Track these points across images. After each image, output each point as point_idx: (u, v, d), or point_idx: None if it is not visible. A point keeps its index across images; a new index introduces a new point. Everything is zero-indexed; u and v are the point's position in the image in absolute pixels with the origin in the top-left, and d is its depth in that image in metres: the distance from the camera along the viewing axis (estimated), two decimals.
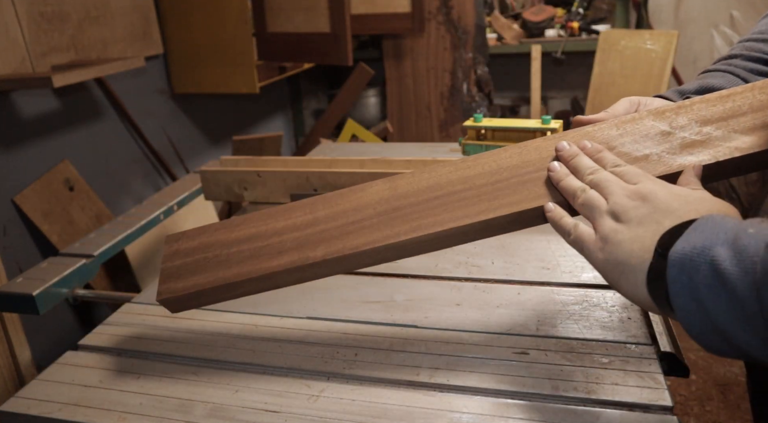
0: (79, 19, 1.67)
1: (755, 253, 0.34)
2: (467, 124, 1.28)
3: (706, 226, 0.39)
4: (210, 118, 2.44)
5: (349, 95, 2.54)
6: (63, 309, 1.69)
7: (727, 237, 0.37)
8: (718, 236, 0.37)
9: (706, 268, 0.36)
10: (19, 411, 0.60)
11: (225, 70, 2.13)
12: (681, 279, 0.38)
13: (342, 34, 1.96)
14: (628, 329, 0.67)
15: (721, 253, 0.36)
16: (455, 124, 2.88)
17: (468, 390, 0.59)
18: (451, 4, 2.74)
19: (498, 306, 0.74)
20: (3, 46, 1.42)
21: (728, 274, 0.35)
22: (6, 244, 1.50)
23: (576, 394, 0.57)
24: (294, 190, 1.06)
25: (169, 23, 2.09)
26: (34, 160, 1.59)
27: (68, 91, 1.69)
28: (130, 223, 1.08)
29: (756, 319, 0.34)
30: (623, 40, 2.47)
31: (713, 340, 0.38)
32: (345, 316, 0.74)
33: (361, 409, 0.58)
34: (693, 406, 1.74)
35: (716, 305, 0.36)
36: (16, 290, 0.84)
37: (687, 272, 0.37)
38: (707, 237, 0.37)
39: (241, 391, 0.61)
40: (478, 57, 2.79)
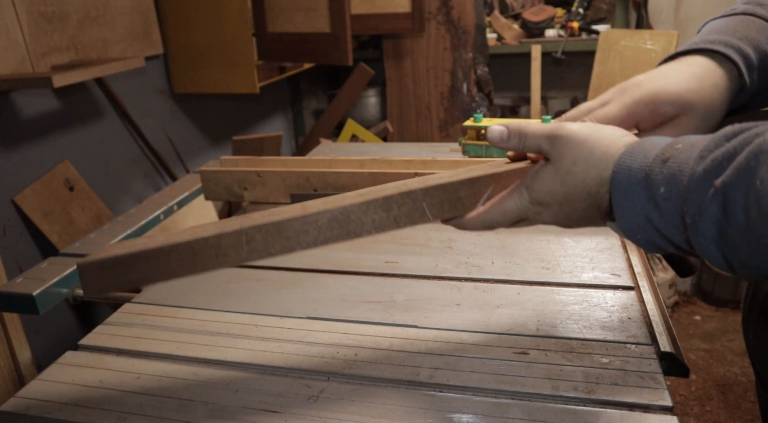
0: (79, 19, 1.67)
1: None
2: (467, 124, 1.28)
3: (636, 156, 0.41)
4: (210, 118, 2.44)
5: (349, 95, 2.54)
6: (63, 309, 1.69)
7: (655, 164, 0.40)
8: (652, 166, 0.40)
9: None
10: (19, 411, 0.60)
11: (225, 70, 2.13)
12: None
13: (342, 34, 1.96)
14: (628, 329, 0.67)
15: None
16: (455, 124, 2.89)
17: (468, 390, 0.59)
18: (451, 4, 2.74)
19: (498, 306, 0.74)
20: (3, 46, 1.42)
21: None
22: (6, 244, 1.50)
23: (576, 394, 0.57)
24: (294, 190, 1.06)
25: (169, 23, 2.09)
26: (34, 160, 1.59)
27: (68, 91, 1.69)
28: (130, 223, 1.08)
29: None
30: (623, 40, 2.47)
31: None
32: (345, 316, 0.74)
33: (361, 409, 0.58)
34: (693, 406, 1.74)
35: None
36: (16, 290, 0.84)
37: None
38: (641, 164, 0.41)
39: (241, 391, 0.61)
40: (478, 57, 2.79)
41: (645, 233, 0.41)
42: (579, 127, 0.45)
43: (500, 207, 0.50)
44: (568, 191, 0.45)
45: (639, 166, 0.40)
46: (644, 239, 0.42)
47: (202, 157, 2.38)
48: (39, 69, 1.53)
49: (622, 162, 0.42)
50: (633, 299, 0.73)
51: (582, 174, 0.44)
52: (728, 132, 0.36)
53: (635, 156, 0.41)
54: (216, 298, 0.81)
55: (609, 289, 0.76)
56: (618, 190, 0.41)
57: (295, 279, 0.84)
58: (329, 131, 2.59)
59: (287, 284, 0.82)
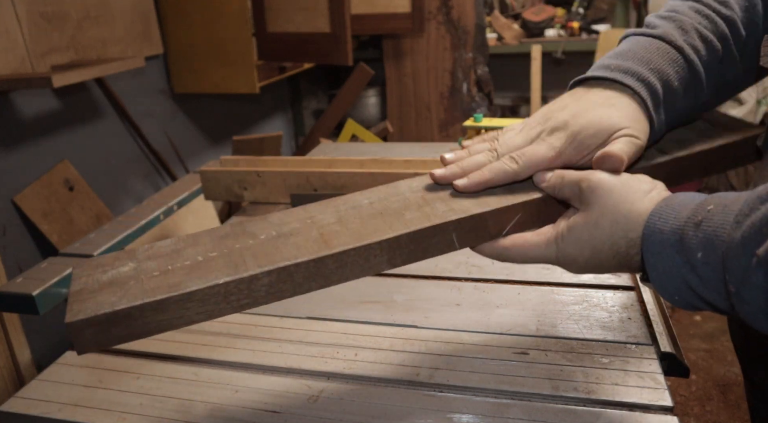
0: (79, 19, 1.67)
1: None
2: (467, 124, 1.28)
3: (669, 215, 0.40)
4: (210, 118, 2.44)
5: (349, 95, 2.54)
6: (63, 309, 1.69)
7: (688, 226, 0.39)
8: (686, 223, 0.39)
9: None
10: (19, 411, 0.60)
11: (225, 70, 2.13)
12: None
13: (342, 34, 1.96)
14: (628, 329, 0.67)
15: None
16: (455, 124, 2.89)
17: (468, 390, 0.59)
18: (451, 4, 2.74)
19: (498, 306, 0.74)
20: (3, 46, 1.42)
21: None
22: (6, 244, 1.50)
23: (576, 394, 0.57)
24: (294, 190, 1.06)
25: (169, 23, 2.09)
26: (34, 160, 1.59)
27: (68, 91, 1.69)
28: (130, 223, 1.08)
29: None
30: None
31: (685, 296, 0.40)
32: (345, 316, 0.74)
33: (361, 409, 0.57)
34: (693, 407, 1.74)
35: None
36: (16, 290, 0.84)
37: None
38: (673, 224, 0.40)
39: (241, 391, 0.61)
40: (478, 57, 2.79)
41: (684, 296, 0.40)
42: (607, 176, 0.44)
43: (522, 250, 0.48)
44: (595, 246, 0.44)
45: (671, 229, 0.39)
46: (683, 301, 0.41)
47: (202, 157, 2.38)
48: (39, 69, 1.53)
49: (653, 224, 0.41)
50: (633, 299, 0.73)
51: (609, 229, 0.43)
52: (762, 194, 0.35)
53: (665, 217, 0.40)
54: None
55: (609, 289, 0.76)
56: (651, 253, 0.40)
57: None
58: (329, 131, 2.59)
59: None
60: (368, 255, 0.46)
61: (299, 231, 0.48)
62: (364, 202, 0.51)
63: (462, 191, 0.50)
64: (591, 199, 0.44)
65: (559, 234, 0.46)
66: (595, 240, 0.44)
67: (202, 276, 0.44)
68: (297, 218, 0.50)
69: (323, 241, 0.47)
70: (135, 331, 0.43)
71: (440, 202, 0.50)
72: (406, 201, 0.51)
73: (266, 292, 0.45)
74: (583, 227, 0.44)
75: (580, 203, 0.45)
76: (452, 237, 0.48)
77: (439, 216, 0.48)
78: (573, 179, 0.46)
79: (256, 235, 0.49)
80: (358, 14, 2.53)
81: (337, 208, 0.51)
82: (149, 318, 0.43)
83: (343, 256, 0.46)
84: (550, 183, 0.48)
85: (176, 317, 0.43)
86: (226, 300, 0.44)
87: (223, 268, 0.45)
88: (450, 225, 0.48)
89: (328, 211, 0.51)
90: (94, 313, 0.42)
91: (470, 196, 0.50)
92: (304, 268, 0.45)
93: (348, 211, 0.50)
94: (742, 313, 0.36)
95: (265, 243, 0.47)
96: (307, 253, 0.45)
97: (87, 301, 0.43)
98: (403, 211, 0.49)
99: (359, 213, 0.50)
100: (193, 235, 0.50)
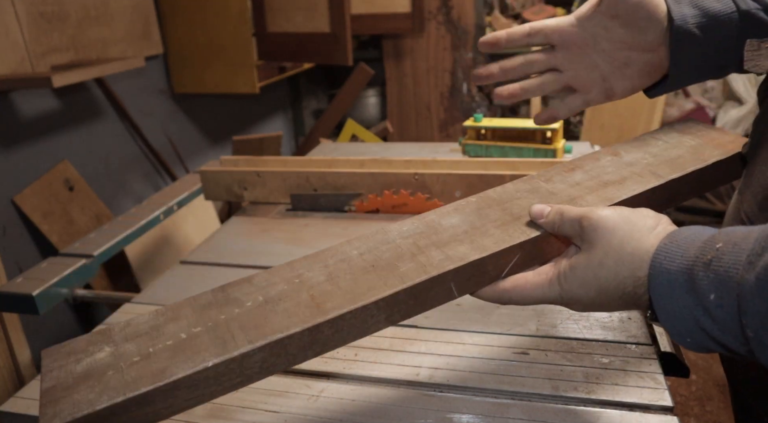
0: (79, 19, 1.67)
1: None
2: (467, 124, 1.28)
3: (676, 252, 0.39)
4: (210, 118, 2.44)
5: (349, 95, 2.54)
6: (63, 309, 1.69)
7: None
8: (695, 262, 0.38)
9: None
10: (19, 411, 0.60)
11: (225, 70, 2.13)
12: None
13: (342, 34, 1.96)
14: (628, 329, 0.67)
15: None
16: (455, 124, 2.89)
17: (468, 390, 0.59)
18: (451, 4, 2.74)
19: (498, 306, 0.74)
20: (3, 46, 1.42)
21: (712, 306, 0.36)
22: (6, 244, 1.50)
23: (576, 394, 0.57)
24: (294, 190, 1.06)
25: (169, 23, 2.09)
26: (34, 160, 1.59)
27: (68, 91, 1.69)
28: (130, 223, 1.08)
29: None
30: None
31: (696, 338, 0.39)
32: None
33: (361, 409, 0.57)
34: (693, 407, 1.74)
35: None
36: (16, 290, 0.84)
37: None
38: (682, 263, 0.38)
39: (241, 391, 0.61)
40: (478, 57, 2.80)
41: (697, 338, 0.38)
42: (609, 213, 0.43)
43: (524, 292, 0.47)
44: (601, 286, 0.42)
45: (679, 268, 0.38)
46: (696, 344, 0.39)
47: (202, 157, 2.38)
48: (39, 69, 1.53)
49: (659, 264, 0.39)
50: None
51: (614, 268, 0.41)
52: None
53: (672, 255, 0.38)
54: None
55: None
56: (659, 295, 0.39)
57: None
58: (329, 131, 2.59)
59: None
60: (365, 317, 0.43)
61: (287, 294, 0.45)
62: (353, 253, 0.48)
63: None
64: (593, 237, 0.43)
65: (562, 273, 0.45)
66: (601, 280, 0.42)
67: (189, 358, 0.40)
68: (283, 278, 0.47)
69: (315, 305, 0.43)
70: None
71: (435, 249, 0.47)
72: (398, 249, 0.48)
73: (260, 368, 0.41)
74: (586, 267, 0.43)
75: (582, 242, 0.44)
76: (450, 286, 0.46)
77: (435, 266, 0.45)
78: (573, 217, 0.45)
79: (241, 302, 0.45)
80: (358, 14, 2.53)
81: (325, 264, 0.48)
82: (135, 413, 0.38)
83: (339, 320, 0.42)
84: (548, 219, 0.47)
85: (164, 408, 0.40)
86: (216, 382, 0.41)
87: (210, 346, 0.41)
88: (448, 275, 0.45)
89: (315, 268, 0.47)
90: (72, 416, 0.36)
91: (466, 240, 0.48)
92: (298, 339, 0.42)
93: (337, 266, 0.47)
94: (763, 358, 0.35)
95: (252, 311, 0.44)
96: (300, 321, 0.42)
97: (61, 401, 0.38)
98: (397, 263, 0.46)
99: (350, 267, 0.47)
100: (173, 307, 0.45)
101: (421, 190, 1.00)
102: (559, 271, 0.45)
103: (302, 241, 0.94)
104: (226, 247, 0.96)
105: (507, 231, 0.48)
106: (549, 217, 0.47)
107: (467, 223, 0.50)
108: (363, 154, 1.41)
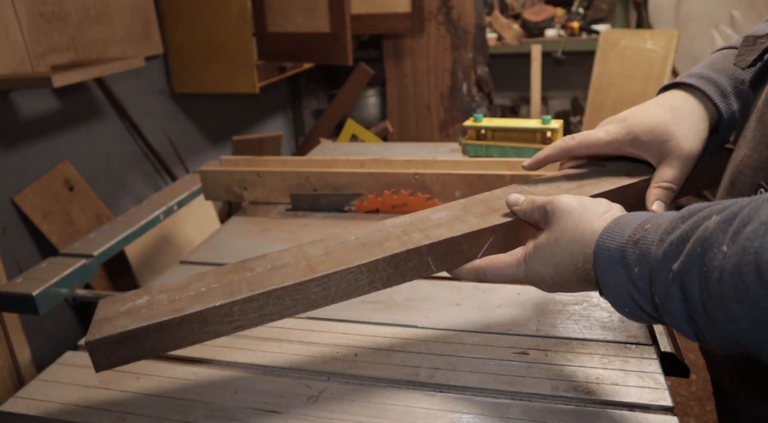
0: (79, 19, 1.67)
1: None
2: (467, 124, 1.28)
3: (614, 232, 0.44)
4: (210, 118, 2.44)
5: (349, 95, 2.54)
6: (63, 309, 1.69)
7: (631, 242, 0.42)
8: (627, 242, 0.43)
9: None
10: (19, 411, 0.60)
11: (225, 70, 2.13)
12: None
13: (342, 34, 1.96)
14: (628, 329, 0.67)
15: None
16: (455, 124, 2.89)
17: (468, 390, 0.59)
18: (451, 4, 2.74)
19: (498, 306, 0.74)
20: (3, 46, 1.42)
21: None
22: (6, 244, 1.50)
23: (576, 394, 0.57)
24: (294, 190, 1.06)
25: (169, 23, 2.09)
26: (34, 160, 1.59)
27: (68, 91, 1.69)
28: (130, 223, 1.08)
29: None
30: (623, 40, 2.47)
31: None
32: (345, 316, 0.74)
33: (361, 409, 0.58)
34: (693, 406, 1.74)
35: None
36: (16, 290, 0.84)
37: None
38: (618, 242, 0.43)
39: (241, 392, 0.61)
40: (478, 57, 2.79)
41: (631, 308, 0.43)
42: (569, 199, 0.49)
43: (496, 270, 0.52)
44: (558, 263, 0.48)
45: (616, 246, 0.43)
46: (631, 313, 0.44)
47: (202, 157, 2.38)
48: (39, 69, 1.53)
49: (602, 242, 0.44)
50: None
51: (569, 246, 0.47)
52: (684, 213, 0.39)
53: (613, 235, 0.44)
54: None
55: None
56: (600, 269, 0.44)
57: None
58: (329, 131, 2.59)
59: None
60: (349, 279, 0.52)
61: (290, 263, 0.55)
62: (351, 238, 0.57)
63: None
64: (553, 219, 0.49)
65: (528, 253, 0.50)
66: (557, 256, 0.48)
67: (202, 302, 0.51)
68: (291, 254, 0.57)
69: (309, 268, 0.53)
70: (144, 348, 0.51)
71: (418, 232, 0.55)
72: (388, 233, 0.56)
73: (258, 314, 0.52)
74: (546, 246, 0.49)
75: (546, 224, 0.50)
76: (428, 260, 0.53)
77: (414, 242, 0.53)
78: (540, 203, 0.50)
79: (253, 269, 0.55)
80: (358, 14, 2.53)
81: (326, 245, 0.57)
82: (154, 337, 0.51)
83: (326, 279, 0.52)
84: (521, 208, 0.53)
85: (180, 338, 0.51)
86: (221, 321, 0.51)
87: (221, 295, 0.52)
88: (424, 249, 0.53)
89: (318, 247, 0.57)
90: (109, 333, 0.50)
91: (446, 225, 0.55)
92: (291, 291, 0.51)
93: (336, 246, 0.56)
94: (668, 322, 0.40)
95: (260, 274, 0.54)
96: (294, 278, 0.52)
97: (104, 326, 0.51)
98: (384, 242, 0.55)
99: (345, 247, 0.56)
100: (201, 274, 0.57)
101: (421, 190, 1.00)
102: (526, 251, 0.51)
103: (302, 241, 0.94)
104: (226, 247, 0.96)
105: (484, 218, 0.55)
106: (522, 205, 0.53)
107: (452, 216, 0.57)
108: (363, 154, 1.41)
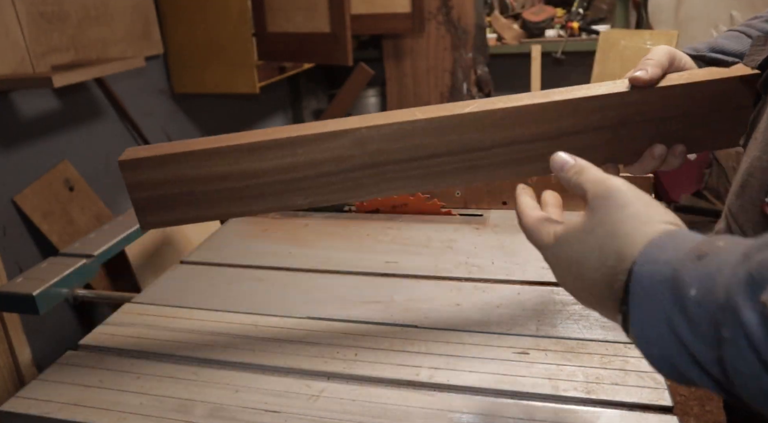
0: (79, 19, 1.66)
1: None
2: None
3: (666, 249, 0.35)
4: (210, 118, 2.44)
5: (349, 95, 2.54)
6: (63, 309, 1.69)
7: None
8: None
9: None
10: (19, 411, 0.60)
11: (225, 70, 2.13)
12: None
13: (342, 34, 1.96)
14: None
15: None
16: None
17: (468, 390, 0.59)
18: (451, 4, 2.74)
19: (498, 306, 0.74)
20: (3, 46, 1.42)
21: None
22: (6, 244, 1.50)
23: (576, 394, 0.57)
24: None
25: (169, 23, 2.09)
26: (34, 160, 1.59)
27: (68, 91, 1.69)
28: (130, 223, 1.08)
29: None
30: (623, 40, 2.47)
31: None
32: (345, 316, 0.74)
33: (361, 409, 0.58)
34: (693, 406, 1.74)
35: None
36: (16, 290, 0.84)
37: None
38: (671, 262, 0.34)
39: (241, 391, 0.61)
40: (478, 57, 2.79)
41: (664, 346, 0.33)
42: (627, 188, 0.39)
43: (533, 227, 0.44)
44: (584, 252, 0.39)
45: (666, 260, 0.33)
46: (660, 355, 0.33)
47: None
48: (39, 69, 1.53)
49: (649, 252, 0.34)
50: None
51: (603, 239, 0.37)
52: None
53: (665, 248, 0.34)
54: (216, 298, 0.81)
55: None
56: (638, 285, 0.34)
57: (295, 279, 0.83)
58: None
59: (287, 284, 0.82)
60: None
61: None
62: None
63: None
64: (598, 203, 0.39)
65: (560, 232, 0.42)
66: (585, 244, 0.39)
67: (237, 140, 0.58)
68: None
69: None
70: (186, 172, 0.59)
71: None
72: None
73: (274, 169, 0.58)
74: (577, 230, 0.40)
75: (587, 204, 0.41)
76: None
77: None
78: (591, 176, 0.41)
79: None
80: (358, 14, 2.53)
81: None
82: (184, 164, 0.59)
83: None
84: (567, 175, 0.43)
85: (205, 169, 0.59)
86: (250, 158, 0.58)
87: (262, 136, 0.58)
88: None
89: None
90: (148, 154, 0.59)
91: None
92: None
93: None
94: (731, 370, 0.30)
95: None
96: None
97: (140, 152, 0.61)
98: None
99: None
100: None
101: None
102: (566, 227, 0.42)
103: (302, 241, 0.94)
104: (226, 247, 0.96)
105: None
106: (568, 172, 0.43)
107: None
108: None
